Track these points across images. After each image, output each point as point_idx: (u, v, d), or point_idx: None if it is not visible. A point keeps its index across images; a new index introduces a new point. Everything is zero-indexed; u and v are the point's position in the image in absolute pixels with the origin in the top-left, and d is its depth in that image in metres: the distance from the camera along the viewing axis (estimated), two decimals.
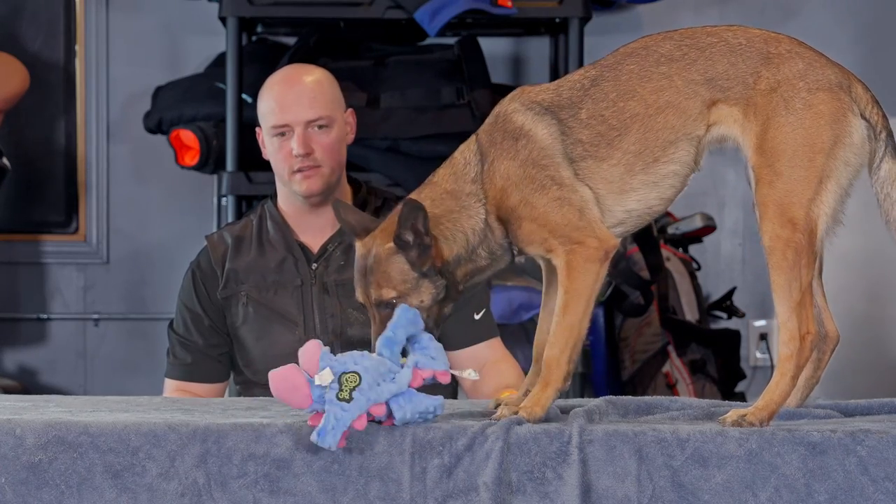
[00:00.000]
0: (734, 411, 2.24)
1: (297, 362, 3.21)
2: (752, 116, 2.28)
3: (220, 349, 3.35)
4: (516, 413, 2.25)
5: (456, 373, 2.32)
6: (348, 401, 2.13)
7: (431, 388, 3.27)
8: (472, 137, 2.40)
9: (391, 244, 2.30)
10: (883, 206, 2.33)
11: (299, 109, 3.29)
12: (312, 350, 2.20)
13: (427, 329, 2.28)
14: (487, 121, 2.39)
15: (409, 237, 2.29)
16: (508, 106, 2.37)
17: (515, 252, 2.38)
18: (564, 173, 2.32)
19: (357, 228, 2.38)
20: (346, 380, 2.14)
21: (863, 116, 2.29)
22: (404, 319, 2.23)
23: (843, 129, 2.27)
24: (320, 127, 3.29)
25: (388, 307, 2.30)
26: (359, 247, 2.36)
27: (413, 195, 2.36)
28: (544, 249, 2.33)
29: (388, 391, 2.17)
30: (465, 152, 2.38)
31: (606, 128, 2.33)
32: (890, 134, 2.31)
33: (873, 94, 2.33)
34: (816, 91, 2.27)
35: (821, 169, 2.25)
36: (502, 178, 2.33)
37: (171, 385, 3.35)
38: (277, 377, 2.18)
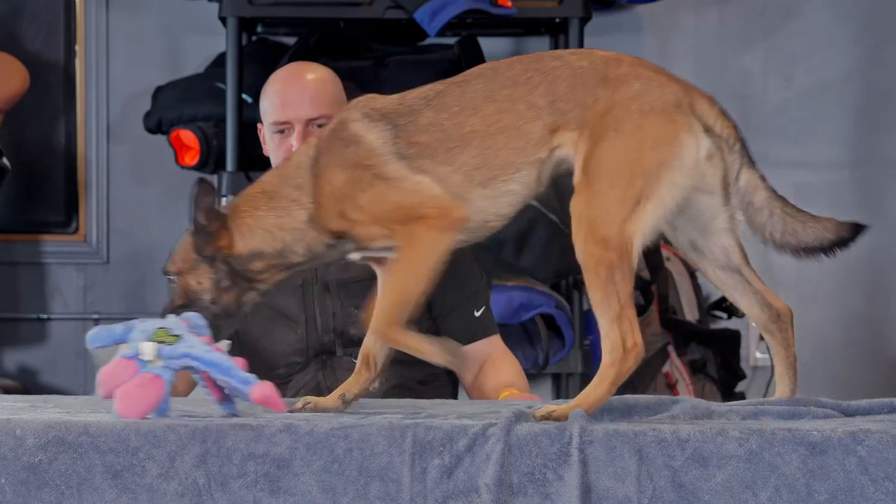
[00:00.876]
0: (545, 406, 2.25)
1: (298, 361, 3.22)
2: (585, 137, 2.28)
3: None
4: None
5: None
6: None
7: (432, 383, 3.29)
8: (313, 141, 2.42)
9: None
10: (747, 213, 2.37)
11: (300, 107, 3.29)
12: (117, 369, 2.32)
13: (212, 314, 2.38)
14: (329, 126, 2.43)
15: (202, 220, 2.36)
16: (349, 114, 2.40)
17: (352, 248, 2.40)
18: (391, 168, 2.32)
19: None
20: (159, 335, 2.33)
21: (710, 132, 2.29)
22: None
23: (670, 152, 2.26)
24: (321, 125, 3.29)
25: (171, 281, 2.42)
26: None
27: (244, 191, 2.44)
28: (388, 241, 2.35)
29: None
30: (301, 157, 2.41)
31: (445, 137, 2.33)
32: (744, 144, 2.32)
33: (721, 107, 2.32)
34: (648, 113, 2.27)
35: (639, 191, 2.24)
36: (329, 183, 2.35)
37: None
38: (107, 373, 2.29)
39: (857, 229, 2.37)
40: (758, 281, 2.44)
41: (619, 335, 2.25)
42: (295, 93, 3.31)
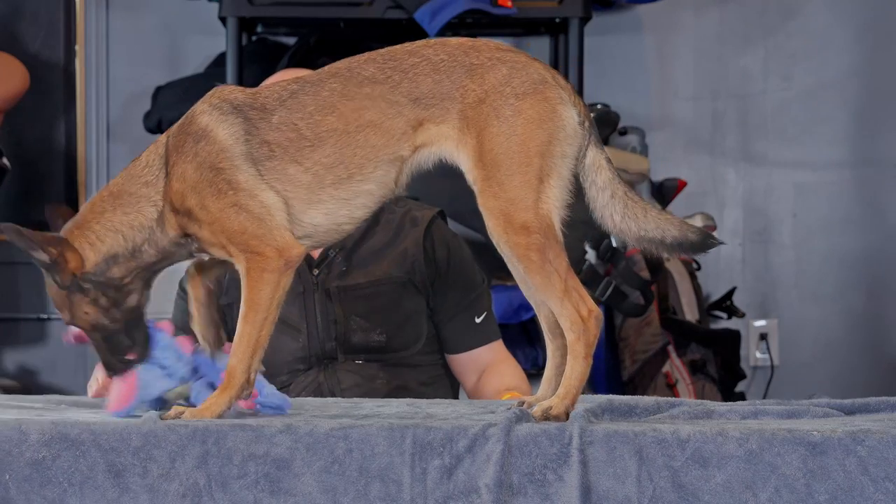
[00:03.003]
0: (539, 406, 2.25)
1: (301, 368, 3.21)
2: (466, 131, 2.28)
3: None
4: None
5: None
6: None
7: (433, 385, 3.29)
8: (163, 137, 2.38)
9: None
10: (589, 192, 2.33)
11: None
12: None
13: (119, 329, 2.36)
14: (181, 119, 2.39)
15: (41, 256, 2.32)
16: (198, 106, 2.37)
17: (194, 249, 2.37)
18: (242, 177, 2.30)
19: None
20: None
21: (572, 105, 2.30)
22: (162, 343, 2.41)
23: (555, 125, 2.28)
24: None
25: (79, 328, 2.37)
26: None
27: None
28: (226, 254, 2.33)
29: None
30: (151, 154, 2.37)
31: (298, 136, 2.31)
32: (592, 124, 2.33)
33: (572, 84, 2.33)
34: (524, 96, 2.27)
35: (538, 170, 2.26)
36: (179, 180, 2.32)
37: None
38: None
39: (704, 237, 2.32)
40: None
41: (572, 309, 2.25)
42: None
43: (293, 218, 2.32)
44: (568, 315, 2.26)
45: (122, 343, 2.37)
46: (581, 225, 2.31)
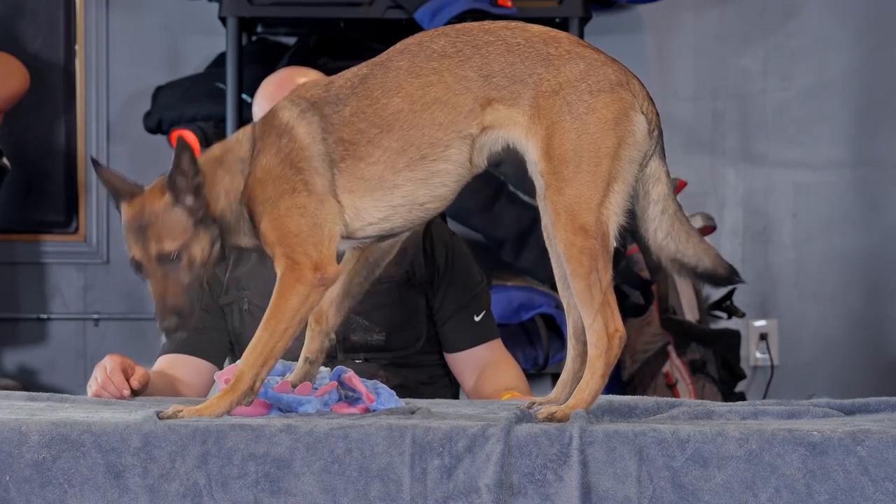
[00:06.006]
0: (546, 408, 2.26)
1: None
2: (536, 120, 2.27)
3: (217, 332, 3.30)
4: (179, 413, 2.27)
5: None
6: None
7: (433, 384, 3.29)
8: (249, 126, 2.39)
9: (167, 196, 2.29)
10: (641, 202, 2.34)
11: None
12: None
13: (197, 286, 2.32)
14: (266, 112, 2.39)
15: (182, 181, 2.28)
16: (281, 101, 2.37)
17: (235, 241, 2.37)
18: (318, 181, 2.30)
19: (122, 191, 2.36)
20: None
21: (642, 112, 2.29)
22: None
23: (626, 129, 2.27)
24: None
25: (170, 261, 2.29)
26: (127, 207, 2.34)
27: None
28: (271, 253, 2.33)
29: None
30: (241, 136, 2.38)
31: (368, 125, 2.30)
32: (661, 133, 2.32)
33: (647, 91, 2.33)
34: (598, 93, 2.26)
35: (607, 172, 2.25)
36: (262, 169, 2.32)
37: (161, 360, 3.31)
38: None
39: (731, 273, 2.34)
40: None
41: (602, 325, 2.26)
42: (284, 93, 3.32)
43: (359, 211, 2.31)
44: (597, 331, 2.26)
45: (200, 296, 2.34)
46: None
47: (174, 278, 2.30)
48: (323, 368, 2.49)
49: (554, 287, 4.74)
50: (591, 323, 2.26)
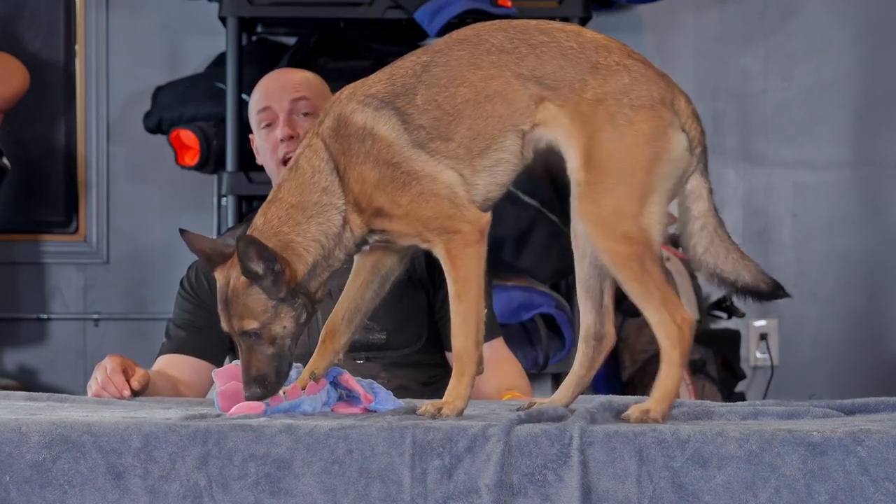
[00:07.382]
0: (635, 407, 2.28)
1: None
2: (578, 125, 2.29)
3: (217, 331, 3.30)
4: (440, 410, 2.28)
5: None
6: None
7: (434, 384, 3.28)
8: (317, 142, 2.34)
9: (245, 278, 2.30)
10: (681, 217, 2.36)
11: (283, 94, 3.34)
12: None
13: (281, 355, 2.34)
14: (328, 124, 2.35)
15: (258, 268, 2.28)
16: (346, 107, 2.34)
17: (371, 241, 2.38)
18: (418, 165, 2.31)
19: (213, 256, 2.35)
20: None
21: (683, 130, 2.31)
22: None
23: (662, 147, 2.29)
24: (305, 114, 3.32)
25: (252, 337, 2.32)
26: (218, 276, 2.34)
27: (260, 213, 2.35)
28: (421, 241, 2.35)
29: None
30: (313, 160, 2.34)
31: (441, 113, 2.32)
32: (705, 150, 2.34)
33: (694, 108, 2.35)
34: (639, 108, 2.28)
35: (642, 185, 2.27)
36: (358, 182, 2.32)
37: (161, 360, 3.30)
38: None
39: (775, 287, 2.36)
40: (610, 298, 2.43)
41: (668, 318, 2.29)
42: (277, 84, 3.38)
43: (470, 185, 2.34)
44: (665, 325, 2.29)
45: (286, 363, 2.35)
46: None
47: (259, 349, 2.33)
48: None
49: (554, 287, 4.77)
50: (659, 319, 2.29)
